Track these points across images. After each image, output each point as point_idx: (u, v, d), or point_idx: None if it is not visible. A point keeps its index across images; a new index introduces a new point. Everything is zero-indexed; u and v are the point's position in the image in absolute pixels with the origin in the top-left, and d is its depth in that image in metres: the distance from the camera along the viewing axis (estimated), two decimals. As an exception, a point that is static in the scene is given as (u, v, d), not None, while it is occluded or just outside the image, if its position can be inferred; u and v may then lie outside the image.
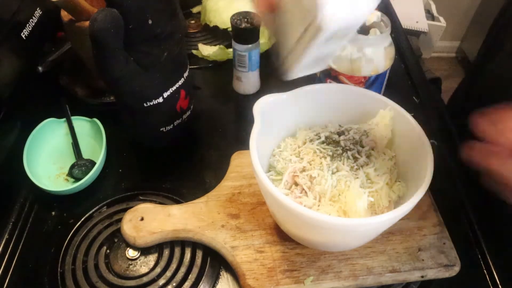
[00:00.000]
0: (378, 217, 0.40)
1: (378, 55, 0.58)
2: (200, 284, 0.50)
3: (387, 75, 0.62)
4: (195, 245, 0.53)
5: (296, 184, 0.47)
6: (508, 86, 0.62)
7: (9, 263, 0.53)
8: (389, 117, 0.49)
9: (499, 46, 0.71)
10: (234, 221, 0.52)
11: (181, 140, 0.65)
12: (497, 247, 0.54)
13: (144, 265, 0.51)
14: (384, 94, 0.51)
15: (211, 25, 0.80)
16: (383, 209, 0.45)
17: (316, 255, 0.50)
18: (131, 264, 0.51)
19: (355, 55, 0.58)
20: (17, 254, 0.54)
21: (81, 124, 0.64)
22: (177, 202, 0.57)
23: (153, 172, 0.63)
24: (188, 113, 0.62)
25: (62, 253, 0.52)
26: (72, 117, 0.64)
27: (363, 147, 0.49)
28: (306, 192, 0.46)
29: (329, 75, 0.61)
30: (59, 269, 0.51)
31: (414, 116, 0.48)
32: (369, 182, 0.46)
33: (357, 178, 0.46)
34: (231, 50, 0.71)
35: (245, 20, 0.64)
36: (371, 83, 0.60)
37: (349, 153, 0.48)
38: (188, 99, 0.61)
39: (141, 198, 0.58)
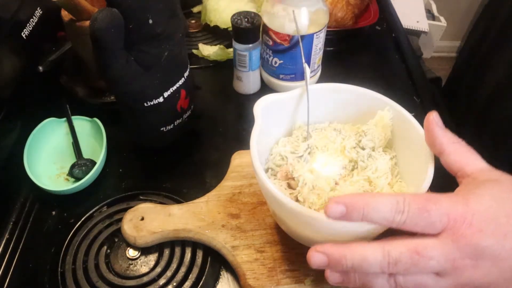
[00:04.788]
0: (378, 217, 0.40)
1: (301, 17, 0.62)
2: (200, 284, 0.50)
3: (315, 40, 0.65)
4: (196, 245, 0.53)
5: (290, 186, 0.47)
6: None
7: (9, 262, 0.53)
8: (389, 117, 0.49)
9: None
10: (235, 221, 0.52)
11: (182, 140, 0.65)
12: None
13: (145, 264, 0.51)
14: (384, 94, 0.51)
15: (212, 24, 0.80)
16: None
17: (317, 255, 0.49)
18: (132, 264, 0.51)
19: (280, 13, 0.63)
20: (17, 254, 0.54)
21: (82, 123, 0.64)
22: (178, 202, 0.57)
23: (153, 172, 0.63)
24: (189, 112, 0.62)
25: (62, 252, 0.52)
26: (73, 117, 0.64)
27: (363, 148, 0.49)
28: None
29: (263, 30, 0.66)
30: (59, 269, 0.51)
31: (414, 116, 0.48)
32: (370, 185, 0.46)
33: (357, 179, 0.46)
34: (231, 49, 0.71)
35: (246, 19, 0.64)
36: (295, 43, 0.64)
37: (349, 154, 0.48)
38: (189, 99, 0.61)
39: (141, 198, 0.58)
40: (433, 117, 0.40)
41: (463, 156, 0.38)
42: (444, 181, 0.60)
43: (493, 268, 0.32)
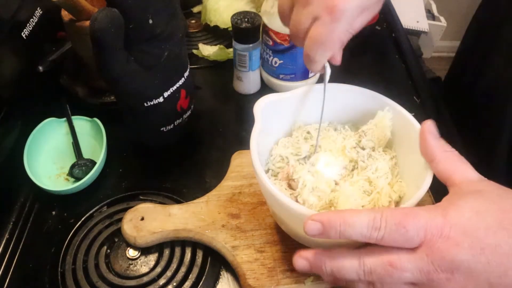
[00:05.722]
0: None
1: None
2: (200, 284, 0.50)
3: None
4: (196, 245, 0.53)
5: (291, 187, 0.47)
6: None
7: (9, 262, 0.53)
8: (389, 117, 0.49)
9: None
10: (235, 221, 0.52)
11: (182, 140, 0.65)
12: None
13: (145, 264, 0.51)
14: (384, 94, 0.51)
15: (212, 24, 0.80)
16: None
17: (317, 255, 0.49)
18: (132, 264, 0.51)
19: None
20: (17, 254, 0.54)
21: (82, 123, 0.64)
22: (178, 202, 0.57)
23: (153, 172, 0.63)
24: (189, 113, 0.62)
25: (62, 252, 0.52)
26: (73, 117, 0.64)
27: (363, 148, 0.49)
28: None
29: (263, 30, 0.66)
30: (59, 268, 0.51)
31: (414, 116, 0.48)
32: (370, 185, 0.46)
33: (357, 179, 0.46)
34: (231, 50, 0.71)
35: (246, 19, 0.64)
36: None
37: (349, 154, 0.48)
38: (189, 98, 0.61)
39: (141, 197, 0.58)
40: (428, 125, 0.41)
41: (452, 165, 0.39)
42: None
43: (469, 282, 0.32)
